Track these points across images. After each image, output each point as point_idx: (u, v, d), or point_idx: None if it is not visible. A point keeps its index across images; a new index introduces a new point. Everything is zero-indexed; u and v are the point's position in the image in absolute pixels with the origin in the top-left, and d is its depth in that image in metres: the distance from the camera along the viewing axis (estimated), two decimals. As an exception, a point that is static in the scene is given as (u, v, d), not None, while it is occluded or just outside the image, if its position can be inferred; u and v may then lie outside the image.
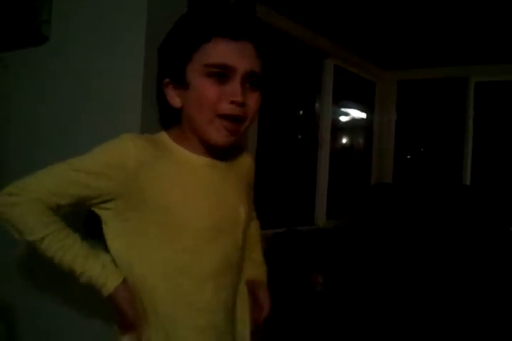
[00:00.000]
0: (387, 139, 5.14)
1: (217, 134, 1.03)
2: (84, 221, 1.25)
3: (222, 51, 0.97)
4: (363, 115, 5.08)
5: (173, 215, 1.01)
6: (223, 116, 1.02)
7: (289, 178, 4.08)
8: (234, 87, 0.98)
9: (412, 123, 5.22)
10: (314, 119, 4.28)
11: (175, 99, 1.09)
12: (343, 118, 4.87)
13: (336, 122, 4.62)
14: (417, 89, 5.12)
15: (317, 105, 4.29)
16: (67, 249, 1.01)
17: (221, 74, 0.99)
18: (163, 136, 1.12)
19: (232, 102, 0.99)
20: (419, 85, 5.08)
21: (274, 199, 3.93)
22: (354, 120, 5.01)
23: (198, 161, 1.08)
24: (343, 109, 4.83)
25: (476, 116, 4.85)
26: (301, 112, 4.29)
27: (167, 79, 1.10)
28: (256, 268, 1.33)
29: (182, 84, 1.05)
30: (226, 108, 1.00)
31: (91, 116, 1.53)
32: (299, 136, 4.23)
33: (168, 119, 1.16)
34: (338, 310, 3.53)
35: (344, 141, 4.96)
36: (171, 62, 1.07)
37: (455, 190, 4.71)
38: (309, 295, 3.49)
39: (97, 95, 1.52)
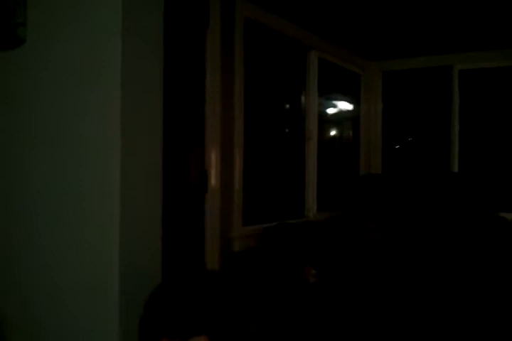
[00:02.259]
0: (374, 130, 5.17)
1: None
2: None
3: None
4: (349, 107, 5.10)
5: None
6: None
7: (277, 172, 4.09)
8: None
9: (398, 113, 5.24)
10: (301, 112, 4.29)
11: None
12: (329, 111, 4.88)
13: (322, 114, 4.63)
14: (402, 79, 5.14)
15: (303, 98, 4.30)
16: None
17: None
18: None
19: None
20: (404, 75, 5.10)
21: (264, 194, 3.94)
22: (341, 112, 5.02)
23: None
24: (329, 102, 4.84)
25: (461, 103, 4.89)
26: (287, 106, 4.30)
27: None
28: None
29: None
30: None
31: (70, 118, 1.53)
32: (286, 130, 4.24)
33: None
34: (332, 302, 3.55)
35: (332, 133, 4.98)
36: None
37: (443, 177, 4.75)
38: (303, 288, 3.51)
39: (75, 97, 1.51)
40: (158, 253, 1.87)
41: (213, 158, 3.34)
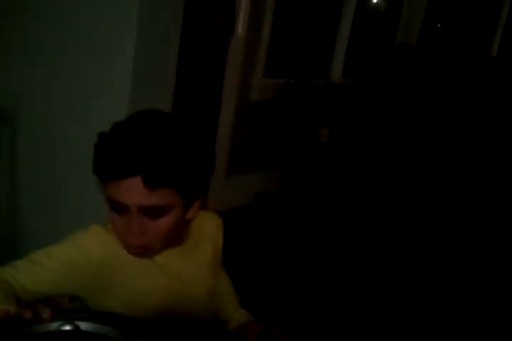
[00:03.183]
0: (419, 3, 4.81)
1: (130, 251, 1.05)
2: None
3: (113, 190, 0.97)
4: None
5: (130, 305, 1.04)
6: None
7: (309, 28, 3.88)
8: (131, 220, 0.99)
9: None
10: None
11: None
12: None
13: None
14: None
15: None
16: None
17: (118, 209, 0.99)
18: None
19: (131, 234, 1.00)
20: None
21: (291, 47, 3.78)
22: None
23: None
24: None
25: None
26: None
27: None
28: (243, 316, 1.27)
29: None
30: (128, 238, 1.02)
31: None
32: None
33: None
34: (341, 162, 3.59)
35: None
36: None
37: (481, 60, 4.51)
38: (314, 146, 3.53)
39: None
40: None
41: (243, 1, 3.14)
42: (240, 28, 3.16)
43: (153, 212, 0.98)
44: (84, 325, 0.80)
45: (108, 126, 0.98)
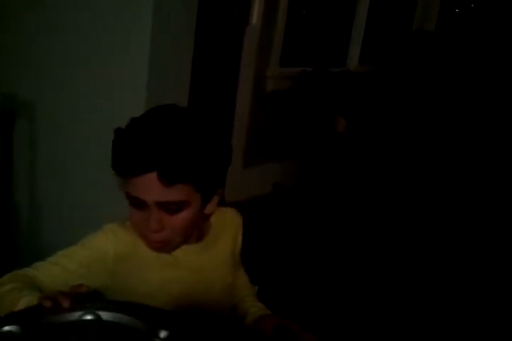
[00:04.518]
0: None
1: (150, 246, 1.06)
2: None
3: (131, 186, 0.97)
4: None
5: (148, 301, 1.01)
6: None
7: (325, 15, 3.84)
8: (150, 215, 0.99)
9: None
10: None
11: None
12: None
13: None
14: None
15: None
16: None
17: (137, 205, 0.99)
18: None
19: (150, 229, 1.01)
20: None
21: (307, 35, 3.75)
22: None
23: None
24: None
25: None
26: None
27: None
28: (261, 310, 1.26)
29: None
30: (147, 233, 1.03)
31: None
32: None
33: None
34: (358, 152, 3.56)
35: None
36: None
37: (499, 45, 4.42)
38: (331, 135, 3.50)
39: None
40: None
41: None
42: (255, 17, 3.13)
43: (170, 207, 0.99)
44: (105, 315, 0.81)
45: (124, 120, 0.99)
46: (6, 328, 0.74)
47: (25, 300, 0.91)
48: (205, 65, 2.86)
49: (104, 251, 1.07)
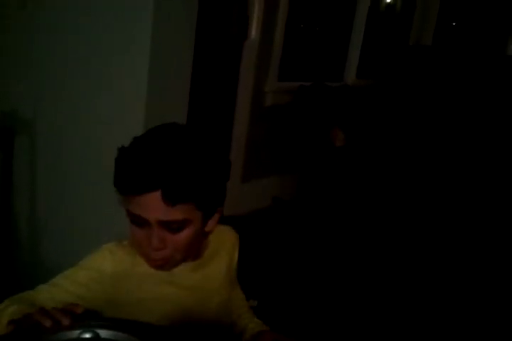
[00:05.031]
0: (433, 1, 4.76)
1: (150, 264, 1.06)
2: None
3: (133, 204, 0.97)
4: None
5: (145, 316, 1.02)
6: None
7: (322, 30, 3.87)
8: (151, 234, 0.99)
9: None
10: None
11: None
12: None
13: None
14: None
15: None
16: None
17: (139, 223, 1.00)
18: None
19: (151, 247, 1.01)
20: None
21: (304, 51, 3.78)
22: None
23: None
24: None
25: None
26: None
27: None
28: (258, 326, 1.27)
29: None
30: (148, 251, 1.03)
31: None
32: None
33: None
34: (357, 166, 3.56)
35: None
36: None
37: (496, 59, 4.45)
38: (329, 149, 3.51)
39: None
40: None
41: (257, 4, 3.14)
42: (253, 32, 3.16)
43: (172, 226, 0.99)
44: (104, 333, 0.81)
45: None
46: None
47: (8, 311, 0.93)
48: (203, 79, 2.88)
49: (102, 270, 1.07)
